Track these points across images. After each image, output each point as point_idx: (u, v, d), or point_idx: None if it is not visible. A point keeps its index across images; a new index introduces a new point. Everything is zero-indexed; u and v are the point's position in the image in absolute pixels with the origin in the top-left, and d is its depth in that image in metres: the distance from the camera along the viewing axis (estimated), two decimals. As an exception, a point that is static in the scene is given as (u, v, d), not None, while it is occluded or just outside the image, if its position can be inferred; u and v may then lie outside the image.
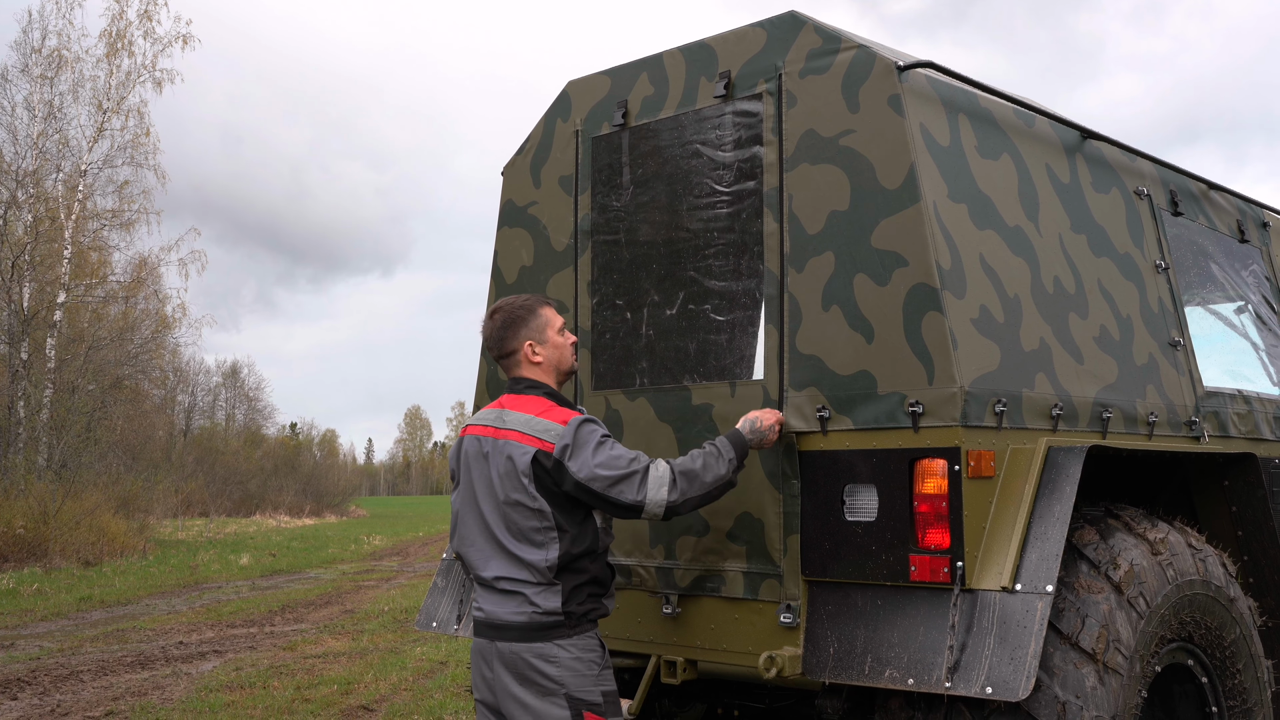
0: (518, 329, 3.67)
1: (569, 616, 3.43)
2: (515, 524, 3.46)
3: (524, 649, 3.41)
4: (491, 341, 3.71)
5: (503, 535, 3.48)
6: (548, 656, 3.40)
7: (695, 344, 4.10)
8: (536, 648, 3.40)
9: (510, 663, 3.43)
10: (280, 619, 12.99)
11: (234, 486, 43.85)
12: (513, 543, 3.46)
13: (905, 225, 3.56)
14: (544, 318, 3.70)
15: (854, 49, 3.74)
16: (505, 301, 3.74)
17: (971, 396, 3.45)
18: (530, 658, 3.40)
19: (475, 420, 3.69)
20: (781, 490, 3.76)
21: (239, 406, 65.01)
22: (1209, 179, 5.22)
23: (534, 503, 3.44)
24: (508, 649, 3.42)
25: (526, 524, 3.45)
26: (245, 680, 8.85)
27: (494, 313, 3.72)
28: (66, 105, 27.03)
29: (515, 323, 3.68)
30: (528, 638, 3.41)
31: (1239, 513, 4.26)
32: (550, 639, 3.41)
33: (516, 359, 3.68)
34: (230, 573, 19.33)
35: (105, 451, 27.49)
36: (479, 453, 3.57)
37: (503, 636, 3.44)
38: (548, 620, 3.42)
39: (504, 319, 3.69)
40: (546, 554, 3.44)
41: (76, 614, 13.60)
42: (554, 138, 4.61)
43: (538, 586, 3.44)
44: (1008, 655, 3.24)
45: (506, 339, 3.67)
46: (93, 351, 26.85)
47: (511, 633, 3.43)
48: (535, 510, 3.44)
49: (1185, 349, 4.57)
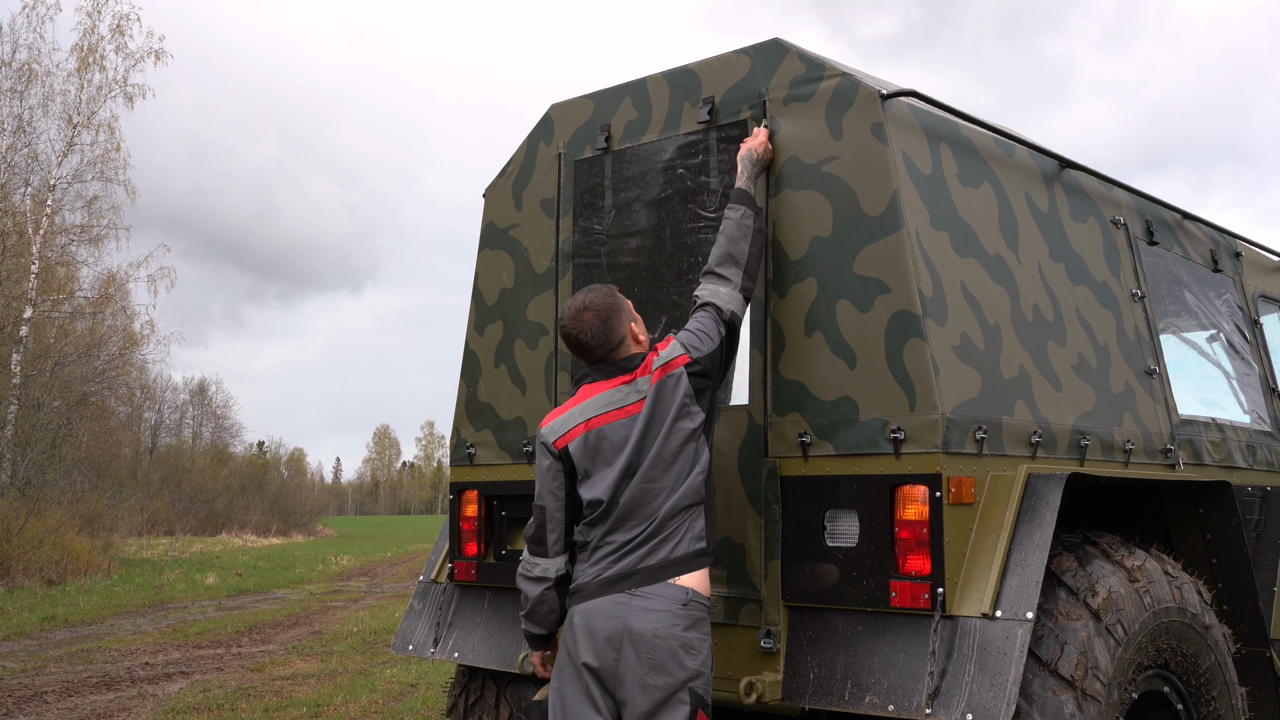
0: (619, 316, 3.60)
1: (708, 548, 3.48)
2: (679, 458, 3.47)
3: (671, 635, 3.34)
4: (597, 338, 3.56)
5: (658, 479, 3.46)
6: (690, 647, 3.35)
7: None
8: (684, 637, 3.34)
9: (650, 646, 3.34)
10: (247, 640, 12.87)
11: (200, 505, 43.43)
12: (674, 479, 3.46)
13: (888, 252, 3.58)
14: (625, 300, 3.68)
15: (838, 77, 3.77)
16: (588, 299, 3.61)
17: (953, 423, 3.47)
18: (676, 646, 3.34)
19: (600, 410, 3.55)
20: (763, 515, 3.77)
21: (206, 424, 64.52)
22: (1183, 209, 5.28)
23: (694, 420, 3.50)
24: (653, 633, 3.34)
25: (688, 449, 3.49)
26: (213, 702, 8.75)
27: (583, 311, 3.58)
28: (36, 119, 26.86)
29: (614, 311, 3.59)
30: (686, 568, 3.42)
31: (1213, 540, 4.29)
32: (695, 626, 3.39)
33: (626, 344, 3.60)
34: (196, 592, 19.14)
35: (70, 469, 27.22)
36: (625, 434, 3.50)
37: (650, 605, 3.37)
38: (696, 551, 3.44)
39: (603, 313, 3.58)
40: (701, 465, 3.49)
41: (40, 634, 13.42)
42: (536, 160, 4.61)
43: (692, 509, 3.48)
44: (988, 682, 3.25)
45: (614, 329, 3.57)
46: (59, 368, 26.59)
47: (660, 600, 3.38)
48: (695, 429, 3.50)
49: (1161, 377, 4.62)
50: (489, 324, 4.70)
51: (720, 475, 3.89)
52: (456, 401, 4.79)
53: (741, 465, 3.84)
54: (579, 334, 3.58)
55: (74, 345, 28.18)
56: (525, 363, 4.55)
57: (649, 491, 3.46)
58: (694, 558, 3.45)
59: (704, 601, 3.45)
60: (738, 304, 3.67)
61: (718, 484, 3.88)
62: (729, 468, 3.87)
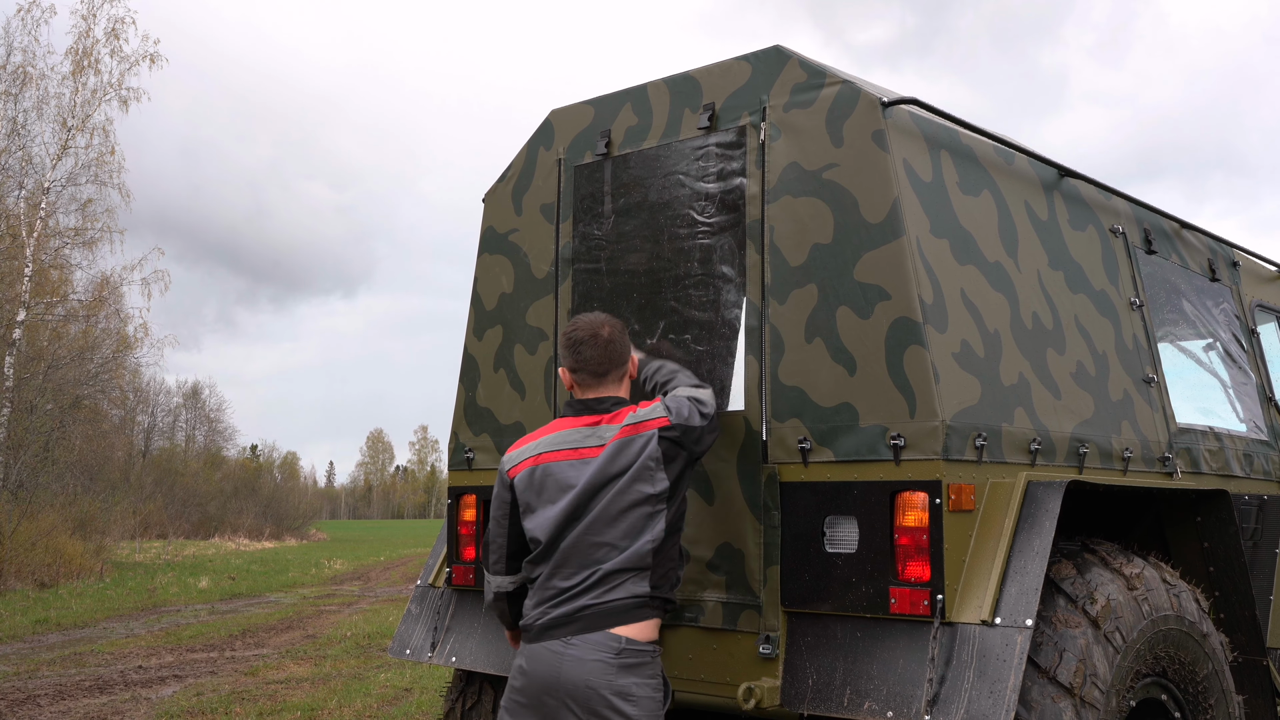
0: (627, 344, 3.71)
1: (653, 599, 3.45)
2: (624, 522, 3.45)
3: (606, 684, 3.33)
4: (612, 349, 3.63)
5: (606, 536, 3.45)
6: (627, 695, 3.34)
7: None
8: (619, 685, 3.34)
9: (584, 697, 3.34)
10: (241, 643, 12.84)
11: (193, 508, 43.36)
12: (620, 539, 3.44)
13: (888, 259, 3.59)
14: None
15: (839, 84, 3.78)
16: (603, 319, 3.70)
17: (952, 430, 3.48)
18: (609, 695, 3.33)
19: (555, 446, 3.59)
20: (762, 521, 3.77)
21: (199, 428, 64.49)
22: (1181, 218, 5.30)
23: (655, 486, 3.45)
24: (584, 683, 3.34)
25: (639, 513, 3.45)
26: (206, 706, 8.73)
27: (602, 325, 3.65)
28: (30, 122, 26.77)
29: (625, 334, 3.72)
30: (626, 619, 3.40)
31: (1211, 549, 4.30)
32: (633, 671, 3.36)
33: (624, 372, 3.70)
34: (189, 596, 19.10)
35: (63, 472, 27.12)
36: (575, 475, 3.51)
37: (584, 655, 3.37)
38: (638, 602, 3.42)
39: (616, 329, 3.68)
40: (652, 535, 3.45)
41: (32, 636, 13.39)
42: (536, 166, 4.62)
43: (638, 572, 3.44)
44: (987, 689, 3.25)
45: (628, 349, 3.70)
46: (52, 370, 26.51)
47: (593, 649, 3.37)
48: (653, 496, 3.45)
49: (1159, 385, 4.63)
50: (488, 329, 4.71)
51: (719, 481, 3.89)
52: (455, 406, 4.79)
53: (740, 471, 3.84)
54: (592, 338, 3.63)
55: (67, 348, 28.09)
56: (524, 367, 4.55)
57: (593, 544, 3.46)
58: (636, 608, 3.43)
59: (642, 648, 3.41)
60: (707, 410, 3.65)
61: (716, 488, 3.89)
62: (728, 474, 3.88)
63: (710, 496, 3.91)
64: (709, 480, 3.91)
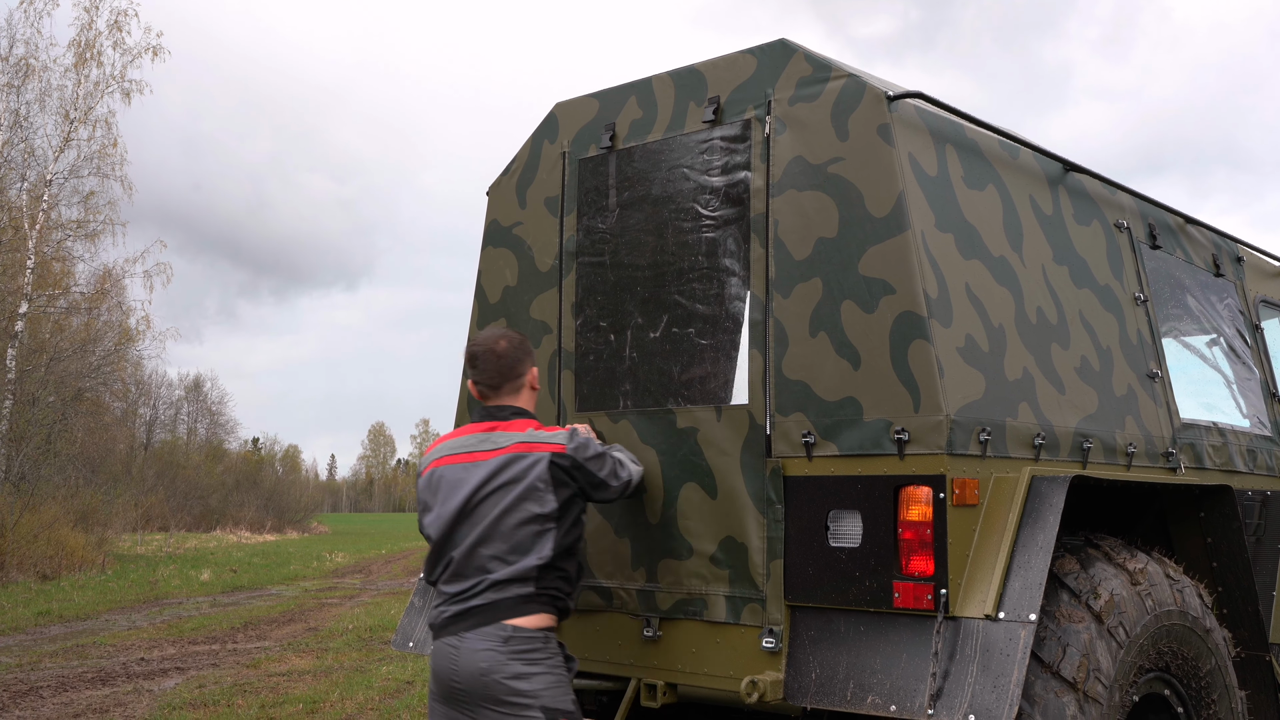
0: (527, 356, 3.91)
1: (540, 596, 3.62)
2: (511, 537, 3.62)
3: (498, 669, 3.52)
4: (504, 363, 3.84)
5: (493, 548, 3.63)
6: (520, 675, 3.52)
7: (679, 367, 4.11)
8: (511, 668, 3.52)
9: (481, 683, 3.53)
10: (243, 636, 12.86)
11: (195, 501, 43.42)
12: (507, 553, 3.62)
13: (893, 253, 3.58)
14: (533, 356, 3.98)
15: (844, 78, 3.77)
16: (509, 333, 3.94)
17: (957, 425, 3.47)
18: (504, 679, 3.51)
19: (450, 450, 3.81)
20: (765, 515, 3.77)
21: (201, 420, 64.51)
22: (1186, 213, 5.29)
23: (544, 507, 3.63)
24: (477, 671, 3.53)
25: (523, 533, 3.62)
26: (209, 698, 8.75)
27: (499, 338, 3.88)
28: (33, 114, 26.80)
29: (525, 350, 3.91)
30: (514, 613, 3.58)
31: (1214, 544, 4.29)
32: (524, 656, 3.54)
33: (520, 384, 3.88)
34: (191, 588, 19.13)
35: (65, 464, 27.18)
36: (465, 478, 3.70)
37: (477, 645, 3.56)
38: (525, 598, 3.60)
39: (514, 344, 3.89)
40: (540, 553, 3.62)
41: (35, 628, 13.41)
42: (540, 159, 4.61)
43: (523, 582, 3.61)
44: (990, 683, 3.25)
45: (521, 361, 3.88)
46: (54, 363, 26.54)
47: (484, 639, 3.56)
48: (541, 515, 3.63)
49: (1163, 381, 4.63)
50: (492, 321, 4.70)
51: (723, 475, 3.89)
52: (459, 399, 4.79)
53: (744, 465, 3.84)
54: (487, 351, 3.86)
55: (69, 340, 28.12)
56: (528, 361, 4.54)
57: (484, 556, 3.64)
58: (523, 603, 3.61)
59: (531, 634, 3.59)
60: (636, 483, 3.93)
61: (719, 482, 3.89)
62: (731, 468, 3.88)
63: (714, 490, 3.91)
64: (712, 474, 3.91)
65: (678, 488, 4.00)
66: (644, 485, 4.05)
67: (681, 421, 4.02)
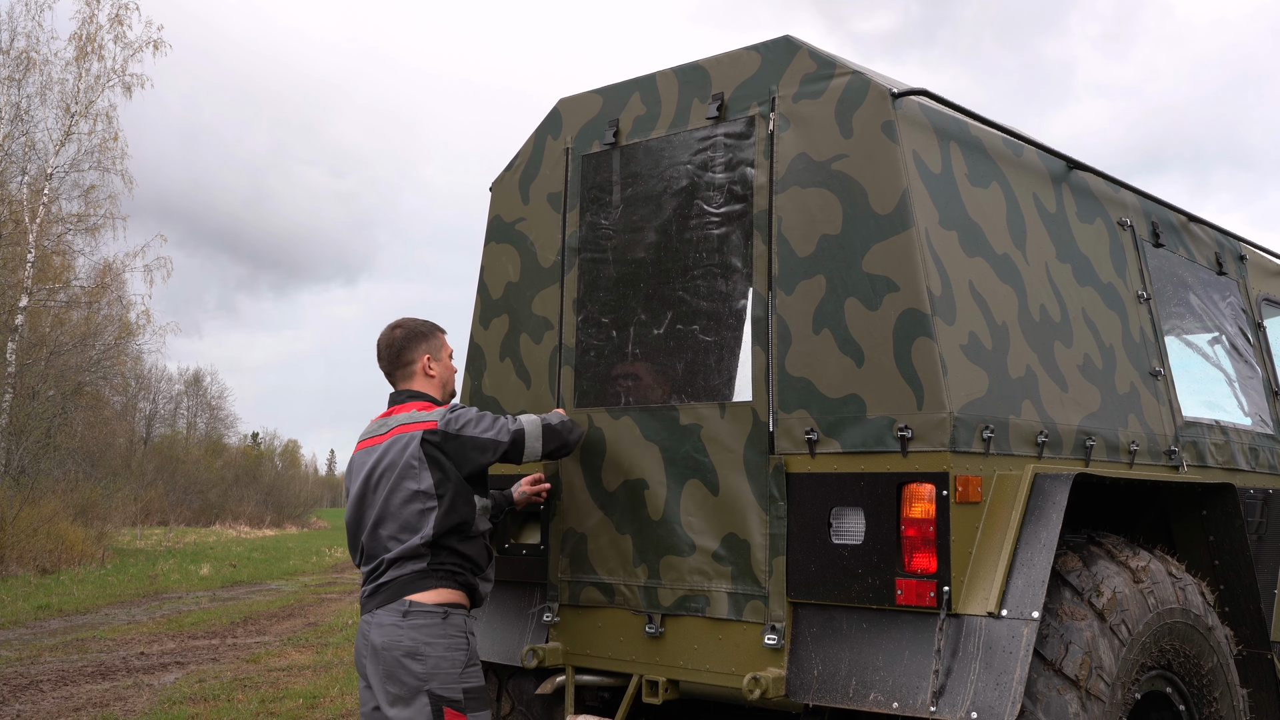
0: (419, 343, 4.05)
1: (436, 571, 3.74)
2: (400, 516, 3.76)
3: (394, 645, 3.65)
4: (392, 350, 4.03)
5: (387, 529, 3.78)
6: (415, 654, 3.64)
7: (683, 364, 4.11)
8: (405, 645, 3.64)
9: (381, 659, 3.67)
10: (242, 630, 12.86)
11: (194, 496, 43.43)
12: (398, 532, 3.76)
13: (897, 250, 3.58)
14: (441, 340, 4.12)
15: (848, 75, 3.77)
16: (406, 319, 4.11)
17: (960, 422, 3.47)
18: (399, 656, 3.64)
19: (362, 436, 4.01)
20: (768, 512, 3.77)
21: (201, 415, 64.44)
22: (1189, 211, 5.29)
23: (421, 484, 3.75)
24: (381, 645, 3.67)
25: (410, 510, 3.75)
26: (209, 693, 8.75)
27: (395, 327, 4.06)
28: (34, 108, 26.75)
29: (417, 337, 4.05)
30: (414, 589, 3.71)
31: (1216, 542, 4.30)
32: (420, 631, 3.65)
33: (412, 370, 4.04)
34: (190, 583, 19.13)
35: (65, 458, 27.16)
36: (364, 461, 3.89)
37: (380, 620, 3.70)
38: (420, 574, 3.73)
39: (407, 332, 4.05)
40: (425, 529, 3.73)
41: (34, 622, 13.41)
42: (544, 155, 4.61)
43: (415, 559, 3.74)
44: (993, 680, 3.26)
45: (408, 349, 4.03)
46: (54, 357, 26.50)
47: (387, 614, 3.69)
48: (421, 493, 3.75)
49: (1165, 379, 4.63)
50: (494, 318, 4.70)
51: (725, 472, 3.89)
52: (460, 395, 4.79)
53: (747, 462, 3.84)
54: (381, 339, 4.07)
55: (69, 335, 28.08)
56: (530, 357, 4.55)
57: (383, 536, 3.80)
58: (419, 579, 3.74)
59: (429, 609, 3.70)
60: (532, 432, 3.97)
61: (722, 479, 3.88)
62: (734, 464, 3.87)
63: (716, 487, 3.90)
64: (715, 471, 3.91)
65: (680, 484, 4.00)
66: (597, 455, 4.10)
67: (684, 418, 4.02)
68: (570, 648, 4.26)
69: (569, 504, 4.32)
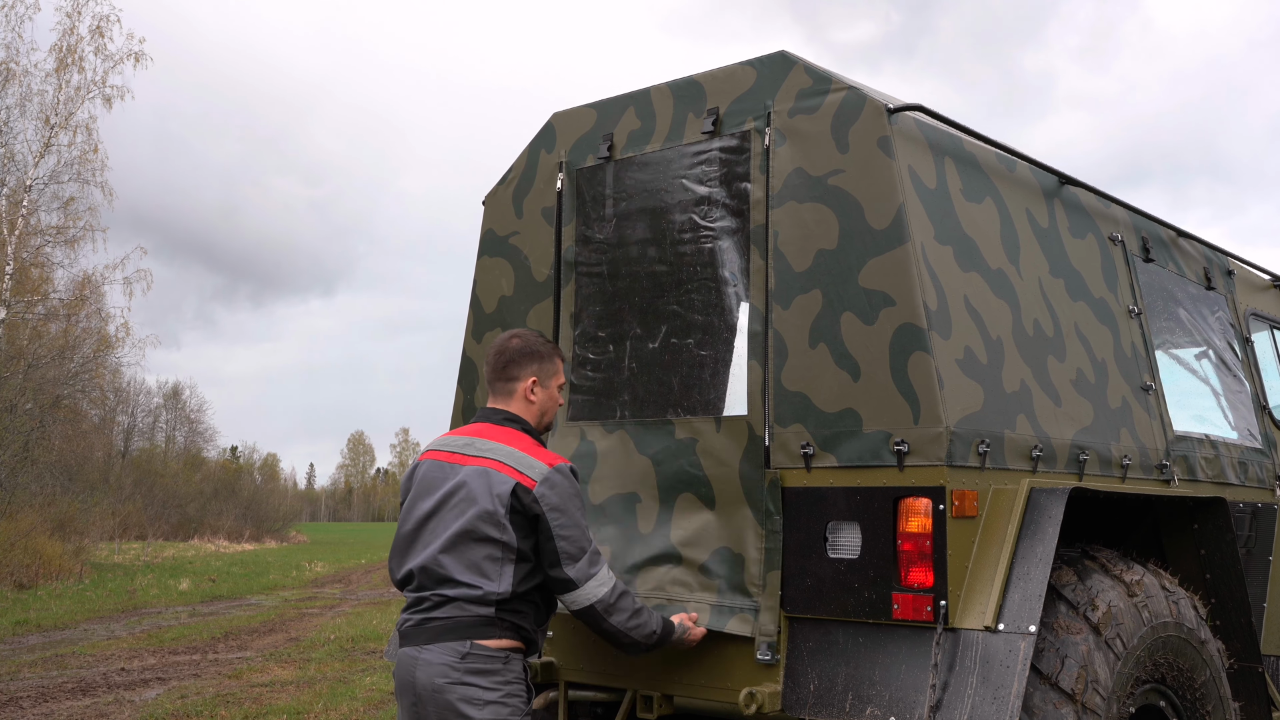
0: (531, 362, 3.72)
1: (500, 620, 3.42)
2: (469, 554, 3.42)
3: (450, 689, 3.34)
4: (501, 359, 3.70)
5: (452, 563, 3.43)
6: (472, 699, 3.34)
7: (678, 378, 4.11)
8: (462, 690, 3.34)
9: (434, 702, 3.36)
10: (224, 646, 12.77)
11: (172, 510, 43.15)
12: (463, 572, 3.42)
13: (893, 265, 3.59)
14: (557, 365, 3.78)
15: (844, 90, 3.78)
16: (529, 332, 3.80)
17: (956, 436, 3.48)
18: (455, 700, 3.34)
19: (438, 446, 3.65)
20: (764, 526, 3.76)
21: (179, 428, 64.10)
22: (1178, 226, 5.32)
23: (503, 534, 3.41)
24: (431, 686, 3.36)
25: (481, 553, 3.42)
26: (191, 709, 8.68)
27: (514, 337, 3.75)
28: (13, 119, 26.61)
29: (532, 356, 3.72)
30: (458, 663, 3.36)
31: (1208, 556, 4.32)
32: (479, 676, 3.36)
33: (514, 388, 3.70)
34: (170, 598, 18.98)
35: (42, 472, 26.96)
36: (440, 478, 3.54)
37: (433, 659, 3.38)
38: (485, 620, 3.40)
39: (523, 345, 3.72)
40: (499, 584, 3.42)
41: (12, 638, 13.29)
42: (537, 169, 4.61)
43: (481, 606, 3.41)
44: (990, 695, 3.26)
45: (516, 363, 3.70)
46: (32, 370, 26.32)
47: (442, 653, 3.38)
48: (500, 542, 3.42)
49: (1157, 393, 4.65)
50: (487, 331, 4.69)
51: (721, 486, 3.88)
52: (453, 408, 4.77)
53: (743, 475, 3.84)
54: (497, 344, 3.76)
55: (48, 347, 27.88)
56: (524, 371, 4.53)
57: (445, 566, 3.45)
58: (483, 625, 3.41)
59: (491, 653, 3.39)
60: (590, 591, 3.50)
61: (718, 493, 3.88)
62: (730, 478, 3.87)
63: (711, 501, 3.90)
64: (710, 484, 3.91)
65: (674, 498, 3.99)
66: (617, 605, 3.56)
67: (680, 432, 4.02)
68: (563, 663, 4.24)
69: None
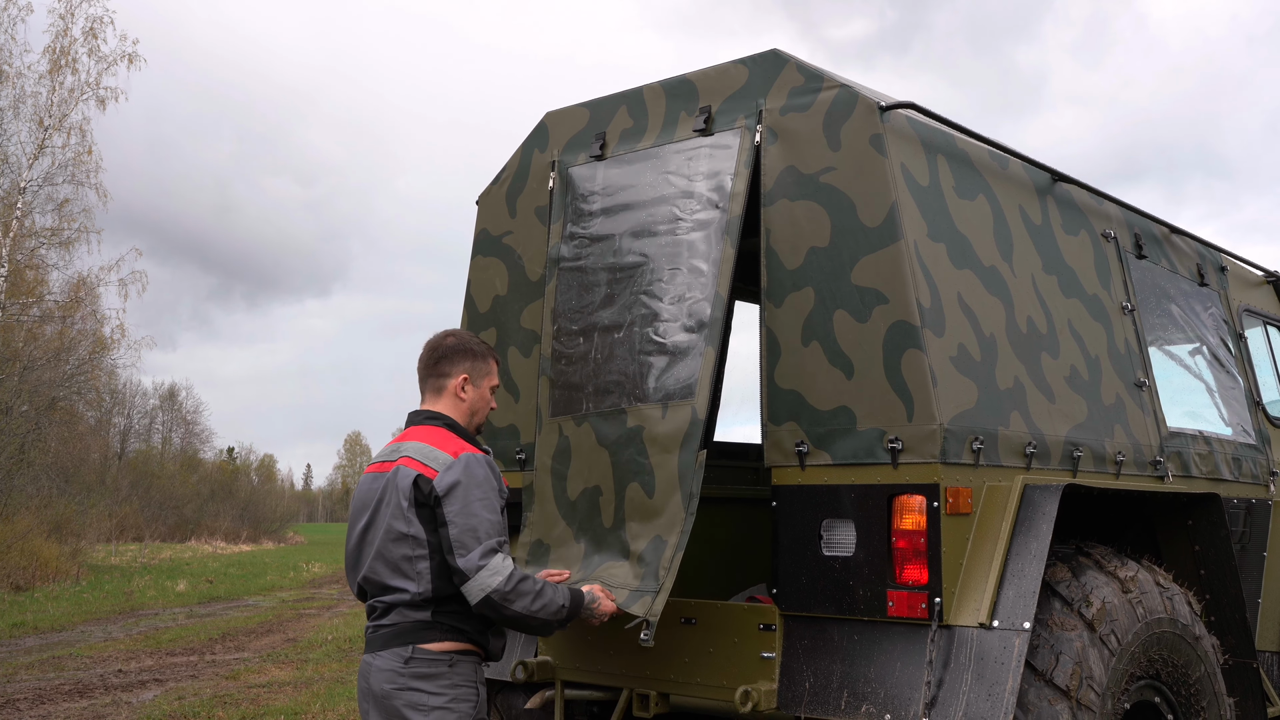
0: (463, 359, 3.59)
1: (439, 624, 3.34)
2: (391, 555, 3.36)
3: (396, 695, 3.29)
4: (433, 356, 3.58)
5: (382, 568, 3.38)
6: (416, 705, 3.29)
7: (636, 367, 4.05)
8: (407, 696, 3.28)
9: (383, 708, 3.32)
10: (221, 647, 12.76)
11: (169, 511, 43.09)
12: (391, 576, 3.37)
13: (886, 263, 3.59)
14: (491, 367, 3.65)
15: (836, 88, 3.78)
16: (465, 332, 3.71)
17: (950, 434, 3.48)
18: (400, 706, 3.28)
19: (375, 458, 3.58)
20: (685, 509, 3.72)
21: (176, 430, 63.99)
22: (1171, 222, 5.33)
23: (409, 528, 3.33)
24: (381, 692, 3.31)
25: (399, 552, 3.35)
26: (189, 710, 8.67)
27: (448, 334, 3.64)
28: (7, 121, 26.56)
29: (468, 352, 3.60)
30: (403, 668, 3.31)
31: (1202, 552, 4.32)
32: (424, 681, 3.30)
33: (444, 384, 3.57)
34: (167, 599, 18.97)
35: (38, 474, 26.92)
36: (374, 489, 3.46)
37: (381, 665, 3.33)
38: (424, 624, 3.33)
39: (457, 343, 3.60)
40: (419, 584, 3.33)
41: (10, 640, 13.28)
42: (530, 168, 4.60)
43: (418, 609, 3.34)
44: (985, 691, 3.26)
45: (448, 360, 3.57)
46: (27, 372, 26.27)
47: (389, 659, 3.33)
48: (411, 537, 3.33)
49: (1150, 390, 4.65)
50: (481, 331, 4.69)
51: (661, 472, 3.84)
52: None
53: (681, 462, 3.80)
54: (427, 343, 3.62)
55: (43, 349, 27.84)
56: (518, 370, 4.54)
57: (382, 573, 3.39)
58: (423, 629, 3.34)
59: (434, 656, 3.32)
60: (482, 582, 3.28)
61: (659, 480, 3.84)
62: (668, 465, 3.82)
63: (651, 489, 3.85)
64: (652, 472, 3.86)
65: (625, 490, 3.94)
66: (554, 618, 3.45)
67: (631, 420, 3.96)
68: (559, 661, 4.24)
69: (539, 515, 4.27)
